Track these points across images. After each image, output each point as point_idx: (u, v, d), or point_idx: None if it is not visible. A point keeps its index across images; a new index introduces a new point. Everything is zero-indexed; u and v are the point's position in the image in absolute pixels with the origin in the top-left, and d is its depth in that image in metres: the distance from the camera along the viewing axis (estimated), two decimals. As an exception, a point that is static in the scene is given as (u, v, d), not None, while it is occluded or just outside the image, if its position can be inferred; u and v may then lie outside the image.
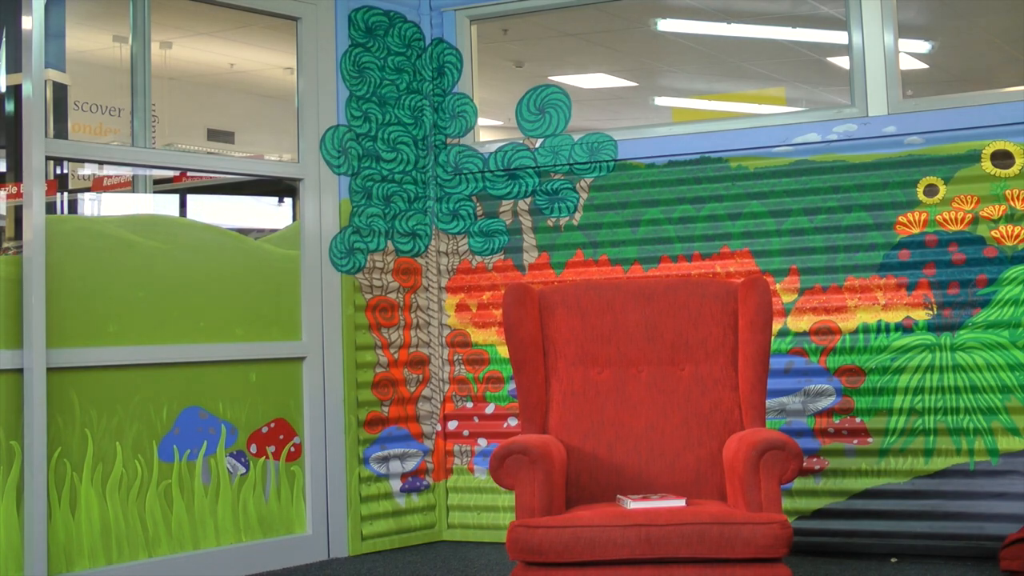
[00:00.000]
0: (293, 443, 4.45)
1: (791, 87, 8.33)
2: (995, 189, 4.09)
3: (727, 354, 3.63)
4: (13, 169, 5.08)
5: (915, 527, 4.12)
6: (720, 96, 8.55)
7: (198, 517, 4.15)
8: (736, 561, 3.00)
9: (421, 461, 4.74)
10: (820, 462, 4.24)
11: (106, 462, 3.95)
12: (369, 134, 4.72)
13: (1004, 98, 4.22)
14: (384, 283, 4.72)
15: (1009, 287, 4.06)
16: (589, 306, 3.73)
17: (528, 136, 4.75)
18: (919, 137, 4.19)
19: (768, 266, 4.33)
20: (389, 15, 4.81)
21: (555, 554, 3.03)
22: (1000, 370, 4.06)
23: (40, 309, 3.76)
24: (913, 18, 6.58)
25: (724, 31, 7.18)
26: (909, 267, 4.18)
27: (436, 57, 4.88)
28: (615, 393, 3.64)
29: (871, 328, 4.21)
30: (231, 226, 5.58)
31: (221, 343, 4.28)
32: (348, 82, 4.68)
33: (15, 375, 3.75)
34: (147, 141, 4.39)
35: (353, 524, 4.53)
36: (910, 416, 4.16)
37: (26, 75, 3.84)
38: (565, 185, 4.66)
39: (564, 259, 4.63)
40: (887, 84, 4.26)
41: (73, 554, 3.84)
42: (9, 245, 5.11)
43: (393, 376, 4.70)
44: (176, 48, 7.55)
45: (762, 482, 3.10)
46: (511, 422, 4.63)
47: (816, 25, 6.95)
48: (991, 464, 4.05)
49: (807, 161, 4.33)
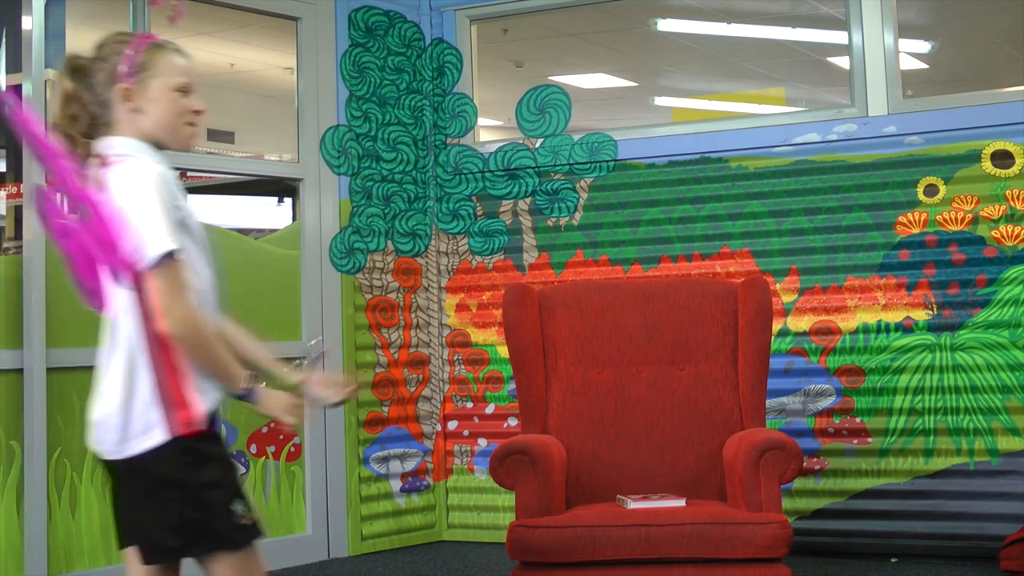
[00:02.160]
0: (293, 443, 4.45)
1: (791, 87, 8.32)
2: (995, 189, 4.09)
3: (727, 354, 3.63)
4: (13, 169, 5.08)
5: (915, 527, 4.12)
6: (720, 96, 8.55)
7: (198, 517, 4.15)
8: (736, 561, 3.00)
9: (421, 461, 4.74)
10: (820, 462, 4.24)
11: (106, 462, 3.94)
12: (369, 134, 4.71)
13: (1004, 98, 4.23)
14: (384, 283, 4.72)
15: (1009, 287, 4.06)
16: (589, 306, 3.73)
17: (528, 136, 4.74)
18: (919, 137, 4.19)
19: (768, 266, 4.33)
20: (389, 15, 4.81)
21: (555, 554, 3.03)
22: (1000, 370, 4.06)
23: (40, 309, 3.75)
24: (913, 18, 6.57)
25: (724, 31, 7.18)
26: (909, 267, 4.18)
27: (436, 57, 4.88)
28: (615, 393, 3.64)
29: (871, 328, 4.21)
30: (231, 226, 5.58)
31: (221, 343, 4.27)
32: (348, 82, 4.68)
33: (15, 375, 3.75)
34: (147, 141, 4.39)
35: (353, 524, 4.52)
36: (910, 416, 4.16)
37: (26, 75, 3.84)
38: (565, 185, 4.65)
39: (564, 259, 4.63)
40: (887, 84, 4.26)
41: (73, 554, 3.84)
42: (9, 245, 5.12)
43: (393, 376, 4.69)
44: (176, 48, 7.54)
45: (762, 482, 3.10)
46: (511, 422, 4.63)
47: (816, 25, 6.95)
48: (991, 464, 4.05)
49: (807, 161, 4.33)
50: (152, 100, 2.11)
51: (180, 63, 2.15)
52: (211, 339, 2.06)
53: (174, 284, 1.99)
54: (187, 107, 2.15)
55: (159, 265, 1.98)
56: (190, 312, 2.01)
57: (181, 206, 2.06)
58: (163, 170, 2.05)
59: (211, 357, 2.05)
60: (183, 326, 2.00)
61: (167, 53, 2.14)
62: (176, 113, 2.13)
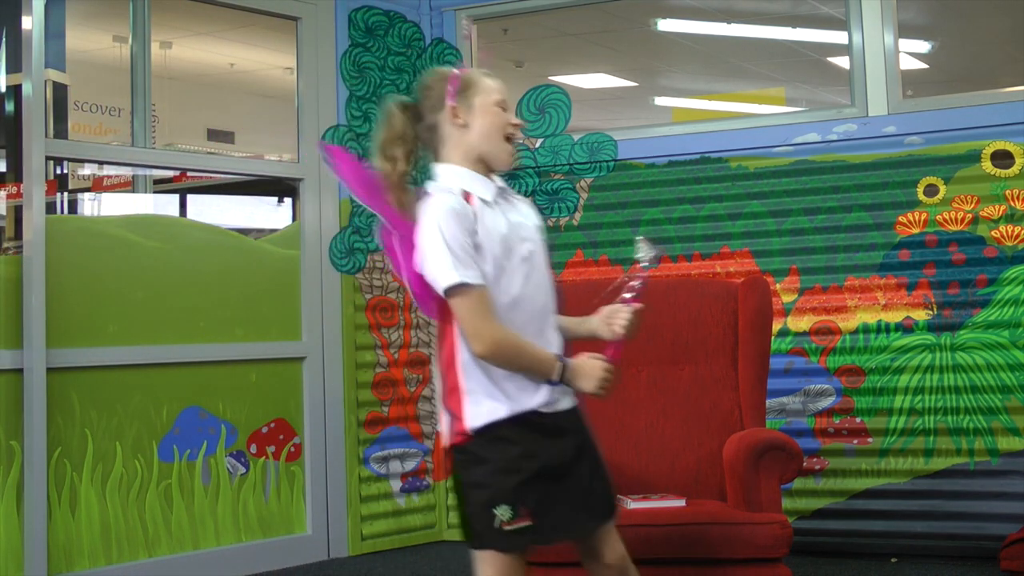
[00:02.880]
0: (293, 443, 4.45)
1: (791, 87, 8.32)
2: (995, 189, 4.08)
3: (727, 354, 3.62)
4: (13, 169, 5.07)
5: (915, 527, 4.12)
6: (720, 96, 8.54)
7: (198, 517, 4.15)
8: (736, 561, 3.00)
9: (421, 461, 4.74)
10: (820, 462, 4.24)
11: (106, 462, 3.94)
12: (369, 134, 4.71)
13: (1004, 98, 4.23)
14: (384, 283, 4.72)
15: (1009, 287, 4.06)
16: (589, 306, 3.71)
17: (528, 136, 4.74)
18: (919, 137, 4.19)
19: (768, 266, 4.33)
20: (389, 15, 4.81)
21: (555, 554, 3.03)
22: (1000, 370, 4.06)
23: (40, 309, 3.75)
24: (913, 18, 6.57)
25: (724, 31, 7.18)
26: (909, 267, 4.18)
27: (436, 57, 4.87)
28: (615, 393, 3.62)
29: (871, 328, 4.21)
30: (231, 226, 5.58)
31: (221, 343, 4.28)
32: (348, 82, 4.68)
33: (15, 375, 3.75)
34: (147, 141, 4.39)
35: (353, 524, 4.52)
36: (910, 416, 4.15)
37: (26, 75, 3.84)
38: (565, 185, 4.65)
39: (564, 259, 4.62)
40: (887, 84, 4.26)
41: (73, 554, 3.84)
42: (9, 245, 5.11)
43: (393, 376, 4.69)
44: (176, 48, 7.54)
45: (762, 482, 3.10)
46: (511, 422, 4.62)
47: (816, 25, 6.95)
48: (991, 464, 4.05)
49: (807, 161, 4.32)
50: (476, 116, 2.37)
51: (495, 84, 2.41)
52: (517, 349, 2.27)
53: (472, 310, 2.23)
54: (507, 120, 2.39)
55: (455, 295, 2.23)
56: (491, 333, 2.23)
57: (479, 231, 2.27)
58: (455, 203, 2.27)
59: (523, 364, 2.28)
60: (489, 346, 2.23)
61: (483, 76, 2.42)
62: (498, 126, 2.38)
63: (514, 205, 2.41)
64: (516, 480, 2.25)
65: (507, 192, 2.42)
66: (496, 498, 2.24)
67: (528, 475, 2.25)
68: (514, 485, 2.24)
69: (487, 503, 2.24)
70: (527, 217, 2.43)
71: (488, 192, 2.35)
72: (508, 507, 2.23)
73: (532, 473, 2.26)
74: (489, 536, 2.26)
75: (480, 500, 2.25)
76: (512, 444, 2.26)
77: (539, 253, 2.39)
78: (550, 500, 2.28)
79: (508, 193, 2.42)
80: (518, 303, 2.30)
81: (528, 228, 2.40)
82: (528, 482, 2.25)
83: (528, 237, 2.38)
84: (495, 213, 2.33)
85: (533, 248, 2.37)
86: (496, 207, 2.34)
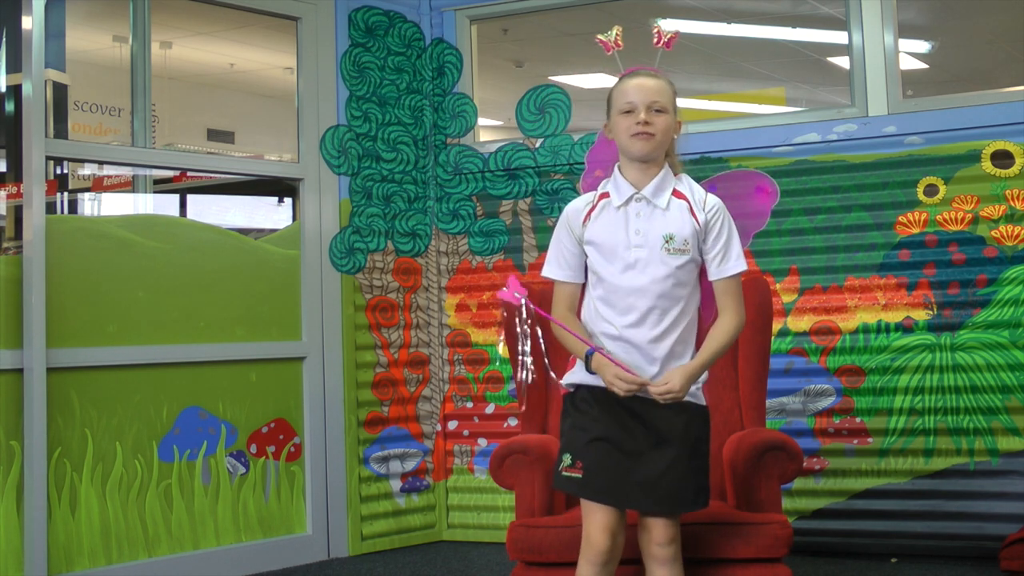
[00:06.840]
0: (293, 443, 4.45)
1: (791, 87, 8.32)
2: (995, 189, 4.09)
3: (727, 354, 3.62)
4: (13, 169, 5.07)
5: (915, 527, 4.12)
6: (720, 96, 8.54)
7: (198, 517, 4.15)
8: (736, 561, 3.00)
9: (421, 461, 4.74)
10: (820, 462, 4.24)
11: (106, 462, 3.95)
12: (369, 134, 4.72)
13: (1004, 98, 4.22)
14: (384, 283, 4.72)
15: (1009, 287, 4.06)
16: (589, 306, 3.72)
17: (528, 136, 4.74)
18: (919, 137, 4.19)
19: (768, 266, 4.33)
20: (389, 15, 4.81)
21: (555, 554, 3.03)
22: (1000, 370, 4.06)
23: (40, 309, 3.76)
24: (913, 18, 6.57)
25: (724, 31, 7.17)
26: (909, 267, 4.18)
27: (436, 57, 4.88)
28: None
29: (871, 328, 4.21)
30: (231, 226, 5.58)
31: (221, 343, 4.28)
32: (348, 82, 4.68)
33: (15, 375, 3.75)
34: (147, 141, 4.39)
35: (353, 524, 4.52)
36: (910, 416, 4.16)
37: (26, 75, 3.84)
38: (565, 185, 4.65)
39: (564, 259, 4.62)
40: (887, 84, 4.26)
41: (73, 554, 3.84)
42: (9, 245, 5.11)
43: (393, 376, 4.70)
44: (176, 48, 7.55)
45: (762, 482, 3.10)
46: (511, 422, 4.63)
47: (816, 25, 6.95)
48: (991, 464, 4.05)
49: (807, 161, 4.33)
50: (613, 130, 2.67)
51: (626, 87, 2.66)
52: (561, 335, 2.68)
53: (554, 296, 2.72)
54: (630, 123, 2.60)
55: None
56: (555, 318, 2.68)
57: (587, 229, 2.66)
58: (574, 204, 2.71)
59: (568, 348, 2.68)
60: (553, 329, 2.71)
61: (619, 84, 2.69)
62: (623, 133, 2.62)
63: (650, 212, 2.62)
64: (583, 438, 2.60)
65: (653, 197, 2.62)
66: (565, 446, 2.64)
67: (592, 437, 2.59)
68: (578, 441, 2.61)
69: (562, 448, 2.64)
70: (655, 226, 2.61)
71: (618, 197, 2.64)
72: (570, 456, 2.61)
73: (595, 437, 2.59)
74: (554, 474, 2.66)
75: (560, 445, 2.67)
76: (586, 407, 2.63)
77: (646, 261, 2.59)
78: (607, 466, 2.57)
79: (657, 196, 2.62)
80: (608, 298, 2.62)
81: (644, 237, 2.60)
82: (591, 443, 2.59)
83: (641, 244, 2.60)
84: (615, 217, 2.63)
85: (641, 256, 2.59)
86: (619, 212, 2.63)
